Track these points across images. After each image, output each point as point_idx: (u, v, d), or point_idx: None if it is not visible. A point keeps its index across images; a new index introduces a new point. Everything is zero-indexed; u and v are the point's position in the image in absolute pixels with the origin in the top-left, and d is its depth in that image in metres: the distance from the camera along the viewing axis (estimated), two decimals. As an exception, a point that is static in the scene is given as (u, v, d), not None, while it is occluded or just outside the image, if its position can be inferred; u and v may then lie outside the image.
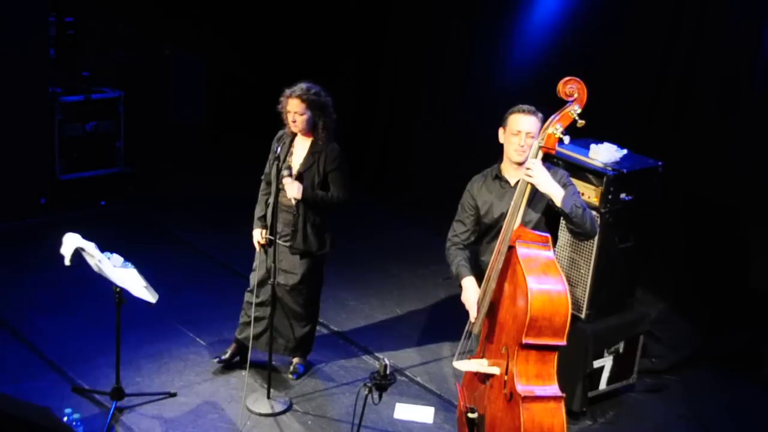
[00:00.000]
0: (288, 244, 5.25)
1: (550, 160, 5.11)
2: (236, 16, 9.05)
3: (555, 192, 4.27)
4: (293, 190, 5.08)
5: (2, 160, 7.06)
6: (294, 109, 5.12)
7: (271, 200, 5.23)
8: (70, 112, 7.53)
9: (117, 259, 4.81)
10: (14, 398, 4.23)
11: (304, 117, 5.13)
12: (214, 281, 6.57)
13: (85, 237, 4.90)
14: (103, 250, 4.86)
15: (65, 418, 4.77)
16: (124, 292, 4.87)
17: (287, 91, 5.16)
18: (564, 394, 4.21)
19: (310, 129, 5.19)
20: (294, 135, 5.26)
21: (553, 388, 4.18)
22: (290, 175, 5.09)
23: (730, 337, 6.01)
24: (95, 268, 4.96)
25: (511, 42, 7.15)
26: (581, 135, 5.14)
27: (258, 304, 5.41)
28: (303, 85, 5.14)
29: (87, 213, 7.46)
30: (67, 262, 4.90)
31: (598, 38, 6.55)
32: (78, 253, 4.90)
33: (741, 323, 5.98)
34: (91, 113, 7.65)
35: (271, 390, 5.29)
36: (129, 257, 4.86)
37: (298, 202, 5.16)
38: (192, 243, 7.11)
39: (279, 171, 5.11)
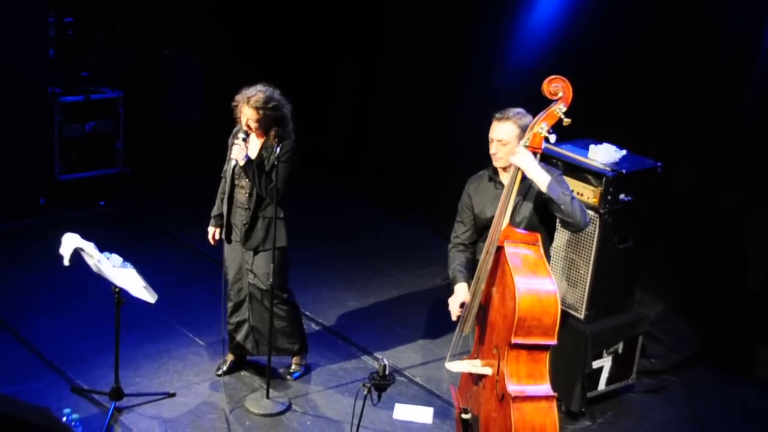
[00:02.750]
0: (241, 240, 5.23)
1: (549, 161, 5.12)
2: (235, 15, 9.05)
3: (541, 178, 4.26)
4: (237, 152, 5.00)
5: (2, 160, 7.06)
6: (249, 116, 5.03)
7: (226, 196, 5.21)
8: (69, 112, 7.54)
9: (116, 259, 4.81)
10: (13, 398, 4.22)
11: (257, 125, 5.07)
12: (213, 281, 6.53)
13: (85, 237, 4.90)
14: (102, 250, 4.86)
15: (64, 419, 4.77)
16: (123, 292, 4.87)
17: (245, 96, 5.03)
18: (556, 394, 4.21)
19: (263, 133, 5.13)
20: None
21: (545, 388, 4.18)
22: (245, 140, 5.03)
23: (729, 338, 6.01)
24: (94, 268, 4.96)
25: (511, 42, 7.15)
26: (580, 135, 5.16)
27: (236, 308, 5.40)
28: (261, 95, 5.03)
29: (86, 213, 7.46)
30: (66, 262, 4.90)
31: (598, 38, 6.54)
32: (77, 253, 4.90)
33: (740, 324, 5.98)
34: (90, 113, 7.66)
35: (271, 390, 5.28)
36: (128, 257, 4.86)
37: (249, 198, 5.14)
38: (191, 243, 7.11)
39: (234, 168, 5.10)
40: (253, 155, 5.12)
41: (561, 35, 6.78)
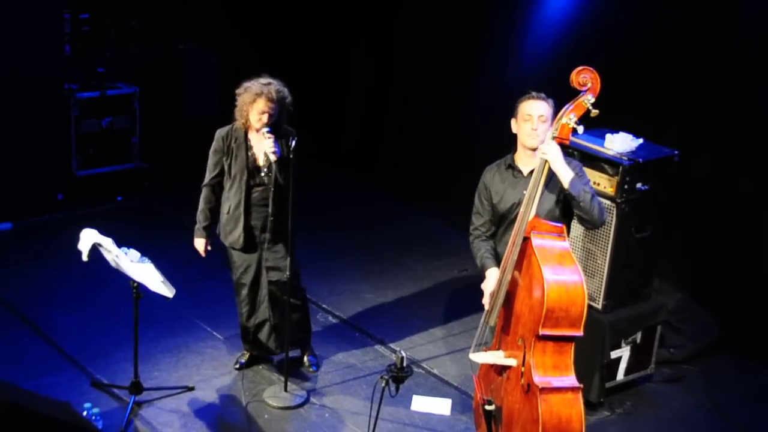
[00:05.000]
0: (268, 237, 5.20)
1: (564, 150, 5.10)
2: (249, 8, 9.06)
3: (564, 173, 4.26)
4: (270, 146, 4.95)
5: (20, 156, 7.10)
6: (266, 109, 4.99)
7: (238, 199, 5.13)
8: (85, 108, 7.57)
9: (134, 254, 4.83)
10: (34, 393, 4.26)
11: (273, 115, 5.04)
12: (230, 275, 6.58)
13: (102, 232, 4.93)
14: (120, 245, 4.88)
15: (85, 413, 4.80)
16: (141, 287, 4.89)
17: (262, 91, 4.98)
18: (582, 385, 4.20)
19: (273, 123, 5.09)
20: (246, 131, 5.11)
21: (571, 379, 4.18)
22: (270, 133, 4.99)
23: (748, 327, 5.98)
24: (112, 264, 4.99)
25: (526, 31, 7.12)
26: (597, 125, 5.12)
27: (253, 310, 5.37)
28: (277, 87, 5.01)
29: (104, 208, 7.50)
30: (84, 257, 4.93)
31: (613, 25, 6.50)
32: (95, 249, 4.93)
33: (759, 312, 5.94)
34: (106, 109, 7.69)
35: (288, 383, 5.30)
36: (146, 252, 4.88)
37: (274, 194, 5.07)
38: (208, 237, 7.12)
39: (248, 168, 5.07)
40: (262, 152, 5.09)
41: (576, 23, 6.74)
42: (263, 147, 5.06)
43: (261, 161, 5.12)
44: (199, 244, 5.35)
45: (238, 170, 5.15)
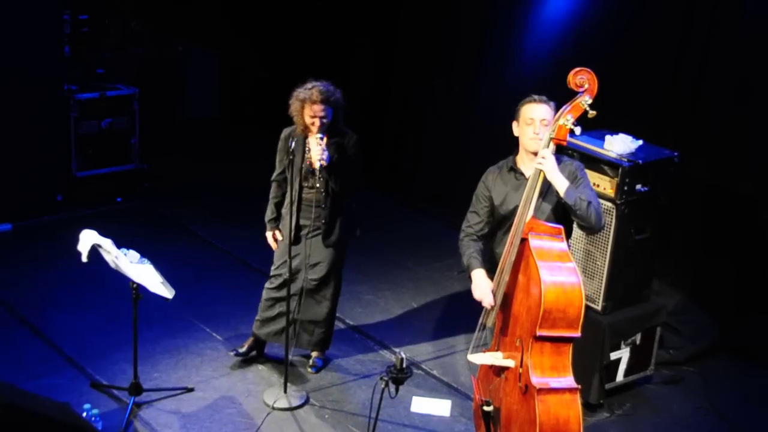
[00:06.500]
0: (317, 235, 5.25)
1: (564, 151, 5.11)
2: (248, 8, 9.07)
3: (559, 182, 4.28)
4: (319, 153, 5.00)
5: (19, 157, 7.11)
6: (319, 114, 5.06)
7: (292, 197, 5.21)
8: (85, 109, 7.57)
9: (133, 255, 4.84)
10: (34, 394, 4.25)
11: (327, 119, 5.10)
12: (230, 276, 6.59)
13: (102, 233, 4.93)
14: (119, 246, 4.88)
15: (84, 414, 4.81)
16: (140, 288, 4.90)
17: (306, 96, 5.05)
18: (579, 386, 4.20)
19: (329, 126, 5.15)
20: (306, 133, 5.20)
21: (569, 380, 4.18)
22: (322, 139, 5.05)
23: (748, 328, 5.98)
24: (112, 265, 4.99)
25: (526, 33, 7.13)
26: (596, 126, 5.14)
27: (283, 300, 5.40)
28: (320, 87, 5.07)
29: (103, 210, 7.50)
30: (84, 258, 4.93)
31: (613, 27, 6.51)
32: (95, 250, 4.93)
33: (759, 313, 5.94)
34: (106, 110, 7.70)
35: (288, 384, 5.30)
36: (145, 253, 4.88)
37: (326, 196, 5.16)
38: (208, 238, 7.14)
39: (293, 167, 5.12)
40: (319, 155, 5.10)
41: (575, 24, 6.75)
42: (317, 150, 5.09)
43: (316, 164, 5.13)
44: (268, 236, 5.45)
45: (293, 171, 5.21)
